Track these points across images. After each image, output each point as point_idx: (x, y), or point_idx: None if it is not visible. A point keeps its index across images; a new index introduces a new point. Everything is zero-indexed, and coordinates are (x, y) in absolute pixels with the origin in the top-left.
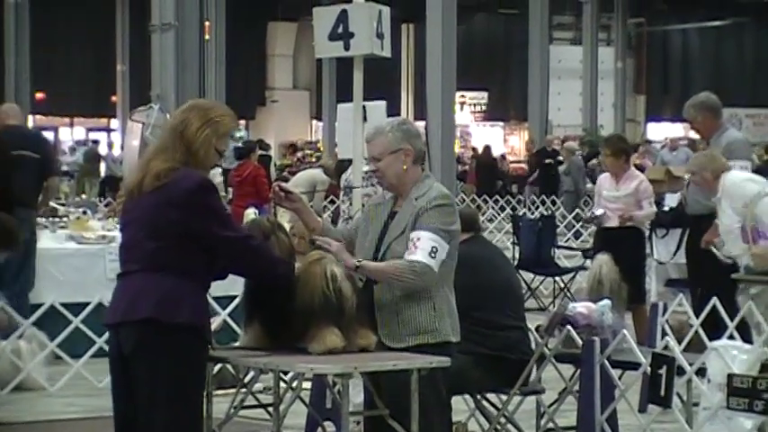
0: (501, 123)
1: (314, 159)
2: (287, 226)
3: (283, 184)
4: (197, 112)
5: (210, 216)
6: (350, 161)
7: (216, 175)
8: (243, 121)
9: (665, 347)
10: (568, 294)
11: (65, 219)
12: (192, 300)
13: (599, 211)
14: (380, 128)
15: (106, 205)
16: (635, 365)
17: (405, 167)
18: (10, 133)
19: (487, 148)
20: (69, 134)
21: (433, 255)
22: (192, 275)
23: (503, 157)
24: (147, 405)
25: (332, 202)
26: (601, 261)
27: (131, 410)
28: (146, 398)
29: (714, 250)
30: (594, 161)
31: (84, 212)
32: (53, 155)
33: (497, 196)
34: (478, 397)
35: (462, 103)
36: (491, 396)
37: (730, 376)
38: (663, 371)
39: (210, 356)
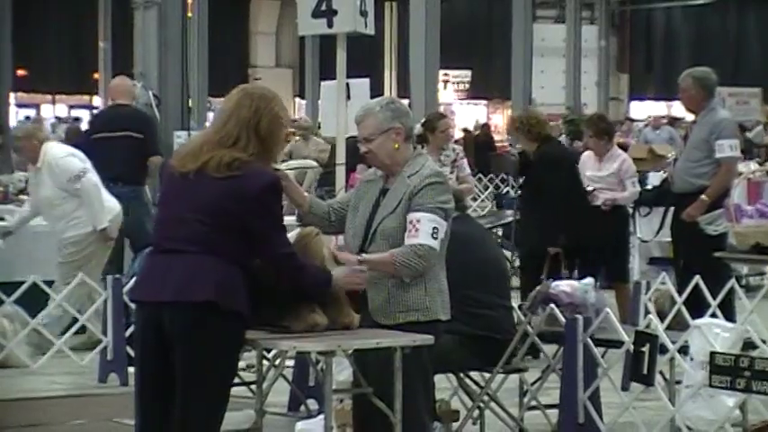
0: (484, 102)
1: (297, 138)
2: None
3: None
4: (264, 103)
5: (271, 220)
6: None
7: None
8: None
9: (648, 326)
10: None
11: None
12: (244, 289)
13: (590, 188)
14: (369, 108)
15: None
16: (618, 344)
17: (396, 146)
18: (116, 113)
19: (485, 126)
20: (51, 111)
21: (434, 236)
22: (241, 265)
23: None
24: (189, 386)
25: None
26: None
27: (161, 385)
28: (189, 379)
29: (701, 226)
30: (578, 143)
31: None
32: (156, 135)
33: (481, 175)
34: (461, 375)
35: (446, 82)
36: (474, 374)
37: (712, 354)
38: (645, 349)
39: None
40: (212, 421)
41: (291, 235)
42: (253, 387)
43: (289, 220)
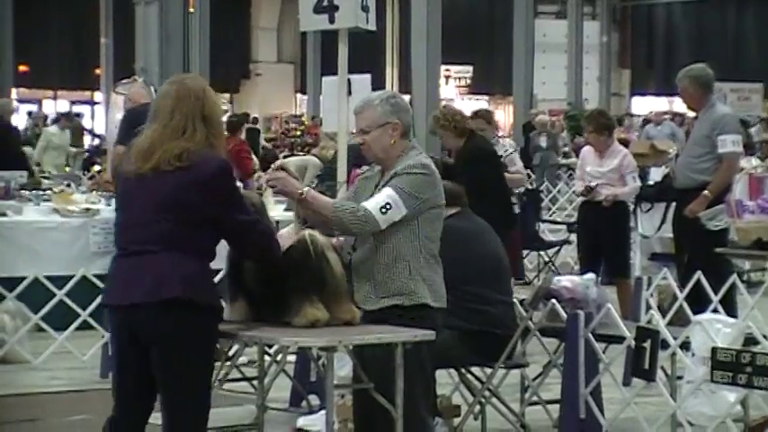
0: (486, 97)
1: (298, 133)
2: (272, 200)
3: (282, 163)
4: (201, 91)
5: (230, 200)
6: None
7: None
8: (227, 95)
9: (650, 321)
10: (553, 268)
11: (48, 192)
12: (212, 281)
13: (593, 183)
14: (369, 101)
15: (90, 178)
16: (619, 339)
17: (392, 141)
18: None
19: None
20: (53, 107)
21: (383, 210)
22: (207, 256)
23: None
24: (170, 384)
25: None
26: None
27: (140, 387)
28: (168, 378)
29: (703, 222)
30: (580, 138)
31: (68, 185)
32: None
33: None
34: (463, 370)
35: (447, 77)
36: (475, 369)
37: (714, 350)
38: (647, 344)
39: None
40: (199, 419)
41: (287, 230)
42: (254, 382)
43: (288, 215)
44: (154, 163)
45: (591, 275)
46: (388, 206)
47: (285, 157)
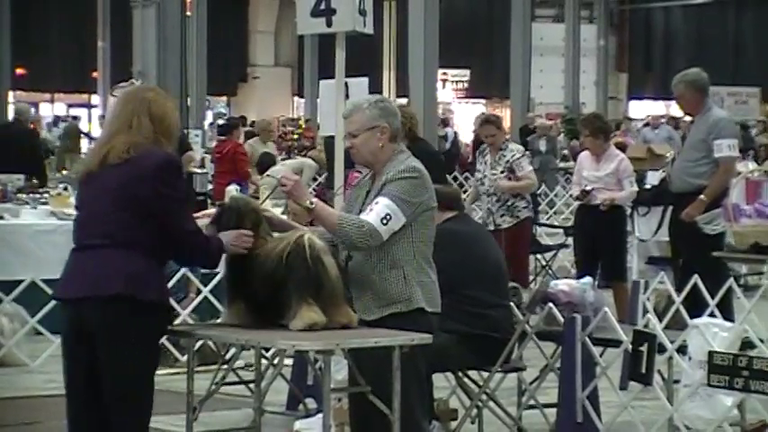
0: (483, 101)
1: (295, 136)
2: (269, 204)
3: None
4: (150, 94)
5: (170, 196)
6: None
7: (197, 152)
8: (224, 98)
9: (647, 325)
10: (550, 272)
11: (46, 195)
12: (159, 277)
13: (589, 187)
14: (358, 104)
15: None
16: (616, 343)
17: (381, 145)
18: None
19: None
20: (50, 110)
21: (384, 222)
22: (156, 253)
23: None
24: (114, 381)
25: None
26: None
27: (90, 387)
28: (113, 373)
29: (700, 226)
30: (576, 142)
31: (66, 188)
32: (185, 132)
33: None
34: (460, 374)
35: (444, 81)
36: (472, 373)
37: (711, 354)
38: (644, 348)
39: (192, 333)
40: (136, 418)
41: (282, 235)
42: (251, 386)
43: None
44: (102, 158)
45: (588, 279)
46: (388, 217)
47: (282, 160)
